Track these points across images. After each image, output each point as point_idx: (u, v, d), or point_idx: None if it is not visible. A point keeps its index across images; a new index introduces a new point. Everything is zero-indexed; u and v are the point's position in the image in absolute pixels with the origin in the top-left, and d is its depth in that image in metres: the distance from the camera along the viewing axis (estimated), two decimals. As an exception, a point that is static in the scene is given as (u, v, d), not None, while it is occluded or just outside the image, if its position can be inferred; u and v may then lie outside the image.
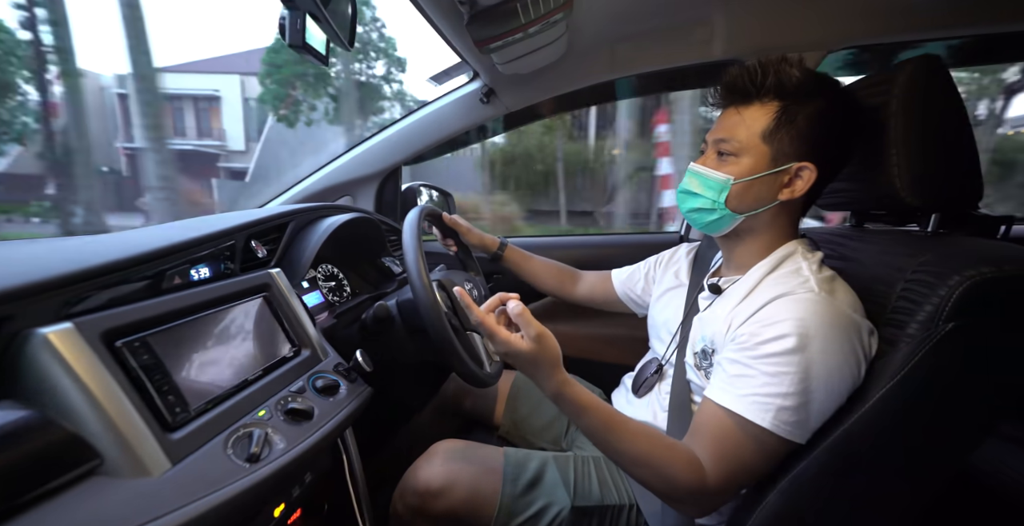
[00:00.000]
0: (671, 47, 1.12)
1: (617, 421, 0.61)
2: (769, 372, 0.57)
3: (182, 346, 0.52)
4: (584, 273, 1.10)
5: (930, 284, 0.54)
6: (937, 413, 0.55)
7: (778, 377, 0.56)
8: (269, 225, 0.80)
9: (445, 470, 0.75)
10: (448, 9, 0.78)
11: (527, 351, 0.59)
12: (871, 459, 0.56)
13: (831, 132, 0.64)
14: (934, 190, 0.62)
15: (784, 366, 0.56)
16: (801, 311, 0.57)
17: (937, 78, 0.61)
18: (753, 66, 0.65)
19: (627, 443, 0.60)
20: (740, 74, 0.66)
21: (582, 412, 0.61)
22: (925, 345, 0.52)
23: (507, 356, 0.61)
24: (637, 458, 0.60)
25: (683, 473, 0.58)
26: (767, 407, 0.56)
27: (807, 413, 0.56)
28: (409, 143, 1.32)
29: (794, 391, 0.56)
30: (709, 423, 0.61)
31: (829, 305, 0.58)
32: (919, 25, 0.99)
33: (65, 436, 0.38)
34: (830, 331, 0.56)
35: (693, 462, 0.59)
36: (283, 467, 0.50)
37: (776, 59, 0.65)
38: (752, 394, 0.57)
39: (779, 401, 0.56)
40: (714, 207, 0.67)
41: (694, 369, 0.71)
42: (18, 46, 8.17)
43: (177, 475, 0.43)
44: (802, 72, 0.64)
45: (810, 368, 0.55)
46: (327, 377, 0.67)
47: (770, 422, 0.56)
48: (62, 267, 0.45)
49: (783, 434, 0.56)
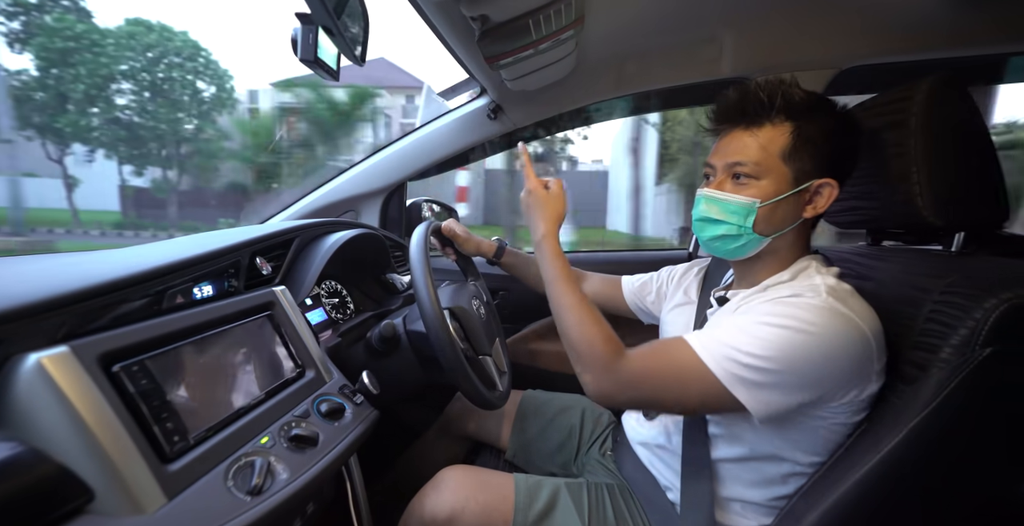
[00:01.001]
0: (678, 65, 1.13)
1: (571, 278, 0.72)
2: (740, 327, 0.58)
3: (182, 369, 0.50)
4: (589, 274, 1.07)
5: (963, 306, 0.52)
6: (974, 442, 0.52)
7: (748, 335, 0.56)
8: (274, 241, 0.78)
9: (453, 499, 0.71)
10: (459, 25, 0.77)
11: (544, 194, 0.79)
12: (907, 490, 0.53)
13: (844, 147, 0.64)
14: (959, 209, 0.61)
15: (763, 332, 0.56)
16: (805, 311, 0.56)
17: (956, 95, 0.60)
18: (755, 89, 0.64)
19: (572, 297, 0.69)
20: (747, 96, 0.65)
21: (555, 258, 0.74)
22: (961, 371, 0.49)
23: (530, 192, 0.80)
24: (575, 312, 0.68)
25: (602, 341, 0.63)
26: (720, 348, 0.57)
27: (765, 380, 0.55)
28: (415, 159, 1.32)
29: (760, 354, 0.55)
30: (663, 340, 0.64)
31: (834, 310, 0.56)
32: (932, 44, 1.00)
33: (54, 470, 0.35)
34: (829, 326, 0.55)
35: (616, 341, 0.64)
36: (287, 500, 0.47)
37: (775, 81, 0.64)
38: (713, 337, 0.59)
39: (734, 353, 0.56)
40: (740, 232, 0.65)
41: None
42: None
43: (173, 512, 0.40)
44: (805, 92, 0.64)
45: (793, 347, 0.54)
46: (332, 400, 0.64)
47: (713, 359, 0.57)
48: (58, 286, 0.42)
49: (721, 377, 0.56)
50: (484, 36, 0.76)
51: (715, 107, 0.68)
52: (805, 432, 0.61)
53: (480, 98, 1.25)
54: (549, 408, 1.02)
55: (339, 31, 0.55)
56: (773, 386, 0.55)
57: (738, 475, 0.67)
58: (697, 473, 0.68)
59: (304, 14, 0.53)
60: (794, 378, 0.55)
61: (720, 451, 0.67)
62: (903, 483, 0.53)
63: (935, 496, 0.54)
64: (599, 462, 0.90)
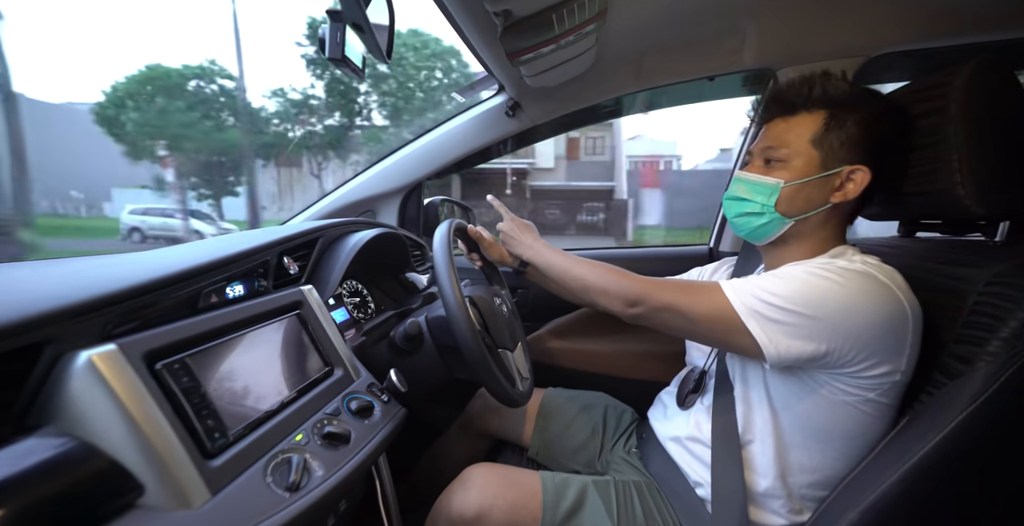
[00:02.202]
0: (700, 58, 1.11)
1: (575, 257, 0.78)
2: (772, 273, 0.62)
3: (218, 367, 0.50)
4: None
5: (1012, 298, 0.50)
6: (1022, 437, 0.51)
7: (775, 278, 0.60)
8: (300, 241, 0.79)
9: (480, 497, 0.71)
10: (482, 20, 0.77)
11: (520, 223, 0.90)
12: (953, 485, 0.51)
13: (883, 136, 0.64)
14: (1002, 198, 0.59)
15: (788, 276, 0.59)
16: (837, 268, 0.59)
17: (998, 79, 0.58)
18: (801, 79, 0.66)
19: (582, 263, 0.76)
20: (787, 87, 0.67)
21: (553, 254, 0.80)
22: (1012, 364, 0.48)
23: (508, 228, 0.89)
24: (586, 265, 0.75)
25: (627, 276, 0.70)
26: (745, 285, 0.61)
27: (781, 318, 0.57)
28: (433, 158, 1.32)
29: (782, 294, 0.58)
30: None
31: (868, 274, 0.58)
32: (960, 29, 0.96)
33: (107, 465, 0.36)
34: (861, 282, 0.57)
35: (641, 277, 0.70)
36: (323, 496, 0.47)
37: (821, 73, 0.66)
38: (744, 280, 0.63)
39: (757, 290, 0.59)
40: (763, 211, 0.67)
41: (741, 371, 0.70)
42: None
43: (218, 507, 0.40)
44: (850, 86, 0.65)
45: (817, 292, 0.56)
46: (362, 398, 0.64)
47: (736, 295, 0.60)
48: (104, 286, 0.43)
49: (739, 310, 0.59)
50: (507, 31, 0.76)
51: (759, 99, 0.70)
52: (826, 410, 0.61)
53: (498, 95, 1.25)
54: (571, 405, 1.02)
55: (368, 27, 0.55)
56: (788, 325, 0.57)
57: (768, 466, 0.66)
58: (728, 459, 0.68)
59: (334, 11, 0.53)
60: (812, 322, 0.56)
61: (748, 435, 0.67)
62: (948, 479, 0.51)
63: (979, 492, 0.53)
64: (624, 459, 0.89)
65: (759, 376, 0.67)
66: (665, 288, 0.67)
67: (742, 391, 0.69)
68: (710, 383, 0.76)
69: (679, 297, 0.65)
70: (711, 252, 1.36)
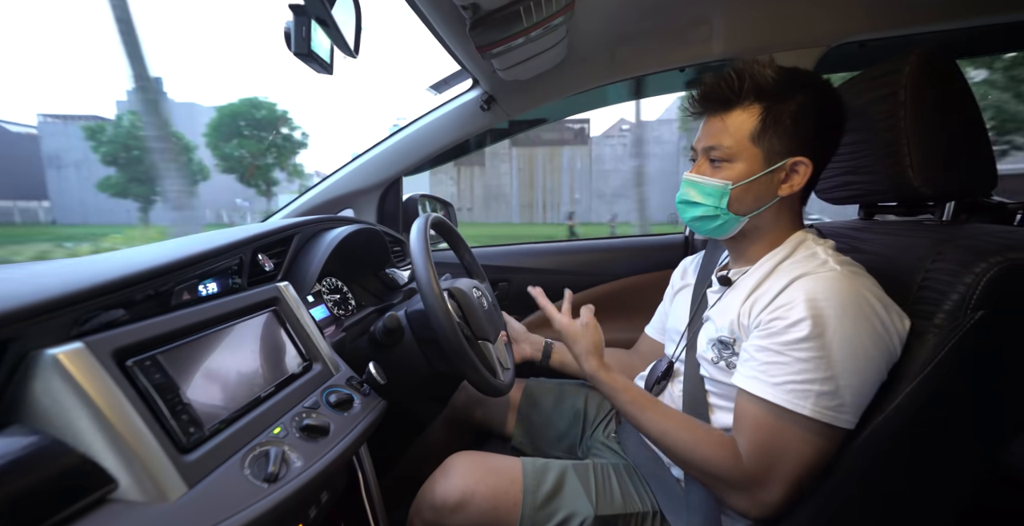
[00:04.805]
0: (670, 48, 1.13)
1: (650, 399, 0.71)
2: (801, 358, 0.56)
3: (193, 364, 0.50)
4: (627, 352, 1.05)
5: (954, 272, 0.53)
6: (968, 405, 0.54)
7: (811, 362, 0.56)
8: (274, 238, 0.79)
9: (462, 483, 0.73)
10: (450, 15, 0.77)
11: (576, 330, 0.79)
12: (903, 455, 0.54)
13: (818, 124, 0.65)
14: (948, 178, 0.62)
15: (814, 351, 0.56)
16: (818, 290, 0.57)
17: (945, 67, 0.61)
18: (728, 73, 0.66)
19: (660, 416, 0.67)
20: (716, 82, 0.66)
21: (617, 391, 0.71)
22: (954, 335, 0.51)
23: (561, 332, 0.80)
24: (670, 431, 0.66)
25: (714, 451, 0.61)
26: (806, 394, 0.56)
27: (845, 395, 0.55)
28: (410, 153, 1.31)
29: (828, 376, 0.55)
30: (747, 414, 0.61)
31: (849, 281, 0.58)
32: (918, 19, 1.00)
33: (78, 460, 0.36)
34: (847, 307, 0.56)
35: (726, 443, 0.61)
36: (302, 487, 0.48)
37: (749, 62, 0.66)
38: (788, 382, 0.57)
39: (816, 387, 0.55)
40: (717, 213, 0.68)
41: (711, 364, 0.70)
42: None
43: (194, 499, 0.41)
44: (776, 72, 0.65)
45: (832, 348, 0.55)
46: (341, 391, 0.65)
47: (810, 409, 0.56)
48: (69, 285, 0.43)
49: (827, 420, 0.55)
50: (476, 25, 0.76)
51: (694, 94, 0.70)
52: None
53: (472, 90, 1.25)
54: (553, 394, 1.04)
55: (333, 22, 0.55)
56: (849, 394, 0.56)
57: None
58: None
59: (297, 5, 0.53)
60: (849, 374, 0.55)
61: (720, 418, 0.69)
62: (896, 453, 0.54)
63: (927, 464, 0.56)
64: (604, 444, 0.91)
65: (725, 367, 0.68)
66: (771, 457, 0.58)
67: (715, 383, 0.70)
68: (680, 369, 0.78)
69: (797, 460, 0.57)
70: (687, 241, 1.39)
